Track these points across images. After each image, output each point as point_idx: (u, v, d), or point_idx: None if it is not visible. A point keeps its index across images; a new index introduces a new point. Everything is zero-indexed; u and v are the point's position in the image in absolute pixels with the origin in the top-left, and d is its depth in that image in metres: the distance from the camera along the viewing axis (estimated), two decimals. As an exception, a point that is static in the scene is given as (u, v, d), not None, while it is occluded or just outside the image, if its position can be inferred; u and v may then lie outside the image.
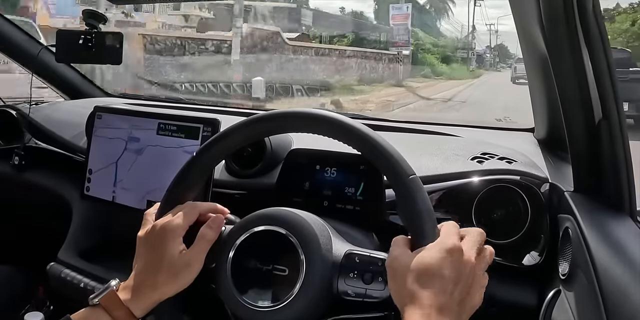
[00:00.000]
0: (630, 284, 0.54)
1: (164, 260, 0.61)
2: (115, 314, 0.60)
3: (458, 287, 0.51)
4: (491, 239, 0.80)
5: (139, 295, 0.61)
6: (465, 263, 0.52)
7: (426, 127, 1.25)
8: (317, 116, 0.64)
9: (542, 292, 0.75)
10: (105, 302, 0.60)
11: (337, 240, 0.63)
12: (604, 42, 0.65)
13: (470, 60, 30.77)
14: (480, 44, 39.18)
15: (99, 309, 0.60)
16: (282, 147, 1.00)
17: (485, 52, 38.06)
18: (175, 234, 0.62)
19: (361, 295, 0.58)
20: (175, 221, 0.62)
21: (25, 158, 1.33)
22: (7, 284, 1.31)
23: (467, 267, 0.52)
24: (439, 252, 0.52)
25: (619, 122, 0.67)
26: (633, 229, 0.66)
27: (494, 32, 40.84)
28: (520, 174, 0.84)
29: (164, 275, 0.60)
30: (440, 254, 0.52)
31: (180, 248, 0.61)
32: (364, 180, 0.85)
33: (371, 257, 0.60)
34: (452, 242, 0.53)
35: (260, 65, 11.06)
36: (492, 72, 34.59)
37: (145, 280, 0.61)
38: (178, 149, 0.96)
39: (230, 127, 0.67)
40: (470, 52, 30.58)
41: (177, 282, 0.61)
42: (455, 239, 0.53)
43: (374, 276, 0.58)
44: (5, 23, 1.50)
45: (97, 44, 1.08)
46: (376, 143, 0.60)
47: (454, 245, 0.52)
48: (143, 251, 0.63)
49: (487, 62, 38.14)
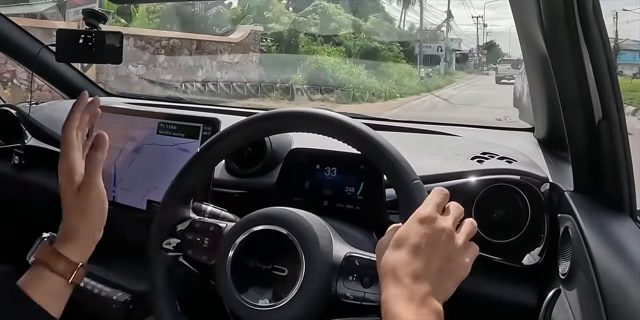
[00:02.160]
0: (630, 284, 0.54)
1: (68, 198, 0.61)
2: (55, 266, 0.58)
3: (434, 254, 0.51)
4: (491, 239, 0.80)
5: (71, 238, 0.60)
6: (439, 230, 0.52)
7: (426, 126, 1.25)
8: (317, 116, 0.64)
9: (542, 292, 0.75)
10: (40, 257, 0.59)
11: (338, 242, 0.63)
12: (604, 42, 0.65)
13: (429, 60, 21.08)
14: (468, 44, 33.63)
15: (39, 267, 0.59)
16: (282, 146, 1.00)
17: (472, 52, 32.53)
18: (64, 167, 0.63)
19: (359, 298, 0.58)
20: (64, 160, 0.63)
21: (26, 158, 1.32)
22: (7, 284, 1.31)
23: (442, 234, 0.52)
24: (411, 221, 0.52)
25: (619, 121, 0.67)
26: (633, 228, 0.66)
27: (481, 25, 33.45)
28: (520, 173, 0.84)
29: (75, 213, 0.61)
30: (412, 223, 0.52)
31: (75, 186, 0.62)
32: (364, 179, 0.85)
33: (371, 261, 0.59)
34: (425, 211, 0.53)
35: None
36: (476, 75, 27.79)
37: (69, 225, 0.61)
38: (173, 146, 0.96)
39: (231, 126, 0.67)
40: (439, 49, 21.82)
41: (90, 216, 0.62)
42: (430, 208, 0.53)
43: (372, 280, 0.58)
44: (6, 22, 1.50)
45: (97, 43, 1.08)
46: (377, 143, 0.60)
47: (426, 214, 0.52)
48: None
49: (472, 62, 32.03)
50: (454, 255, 0.52)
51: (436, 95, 14.82)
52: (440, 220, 0.53)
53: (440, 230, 0.52)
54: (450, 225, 0.53)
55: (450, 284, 0.52)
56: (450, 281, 0.52)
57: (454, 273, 0.52)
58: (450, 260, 0.52)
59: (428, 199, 0.55)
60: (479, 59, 33.94)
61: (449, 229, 0.53)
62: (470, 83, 21.28)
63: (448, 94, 15.45)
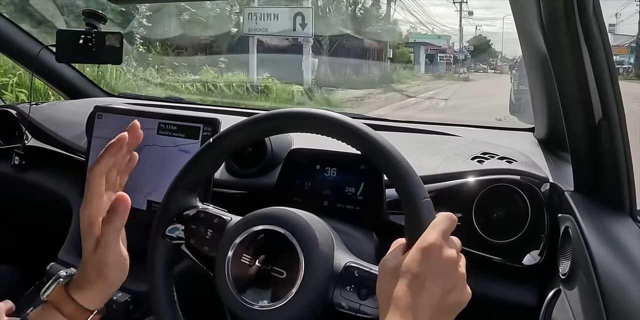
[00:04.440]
0: (630, 284, 0.54)
1: (86, 255, 0.58)
2: (64, 310, 0.56)
3: (437, 285, 0.50)
4: (491, 239, 0.80)
5: (85, 287, 0.57)
6: (444, 260, 0.50)
7: (426, 126, 1.25)
8: (318, 116, 0.64)
9: (542, 292, 0.75)
10: (53, 299, 0.57)
11: (340, 249, 0.63)
12: (604, 42, 0.65)
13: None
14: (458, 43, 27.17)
15: (48, 306, 0.57)
16: (282, 146, 1.00)
17: (450, 49, 25.49)
18: (85, 221, 0.57)
19: (354, 309, 0.58)
20: (86, 210, 0.58)
21: (26, 158, 1.33)
22: (7, 283, 1.32)
23: (446, 264, 0.50)
24: (415, 251, 0.51)
25: (619, 121, 0.67)
26: (633, 228, 0.66)
27: (466, 13, 26.42)
28: (520, 173, 0.84)
29: (91, 270, 0.57)
30: (415, 252, 0.51)
31: (94, 238, 0.57)
32: (364, 180, 0.85)
33: (370, 273, 0.59)
34: (430, 239, 0.51)
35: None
36: (451, 82, 19.52)
37: (81, 273, 0.58)
38: (174, 147, 0.96)
39: (231, 126, 0.67)
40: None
41: (104, 278, 0.58)
42: (435, 236, 0.52)
43: (369, 293, 0.57)
44: (6, 23, 1.50)
45: (97, 43, 1.08)
46: (378, 143, 0.60)
47: (431, 242, 0.51)
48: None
49: (444, 61, 24.85)
50: (457, 285, 0.51)
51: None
52: (445, 249, 0.51)
53: (445, 260, 0.50)
54: (454, 253, 0.52)
55: (451, 314, 0.51)
56: (450, 310, 0.51)
57: (454, 303, 0.51)
58: (452, 290, 0.51)
59: (434, 223, 0.53)
60: (453, 58, 25.49)
61: (453, 258, 0.51)
62: (402, 105, 11.38)
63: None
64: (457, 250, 0.53)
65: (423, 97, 13.35)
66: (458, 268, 0.52)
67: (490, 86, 16.28)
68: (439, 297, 0.50)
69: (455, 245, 0.53)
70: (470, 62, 29.63)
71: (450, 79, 21.76)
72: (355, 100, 11.22)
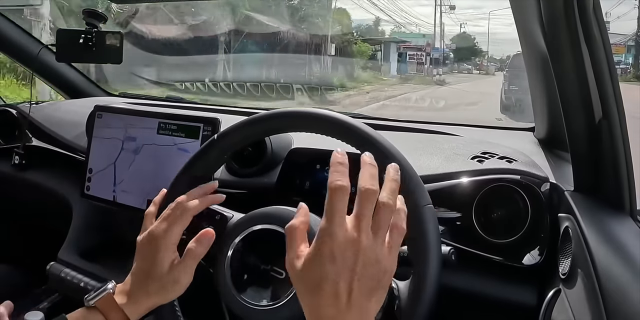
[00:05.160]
0: (630, 284, 0.54)
1: (155, 272, 0.61)
2: (111, 317, 0.60)
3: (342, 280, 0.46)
4: (491, 239, 0.80)
5: (133, 300, 0.61)
6: (359, 251, 0.47)
7: (426, 126, 1.25)
8: (319, 116, 0.64)
9: (542, 292, 0.75)
10: (101, 305, 0.61)
11: None
12: (604, 42, 0.65)
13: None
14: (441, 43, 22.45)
15: (95, 311, 0.61)
16: (282, 146, 1.00)
17: (425, 47, 20.98)
18: (168, 243, 0.62)
19: None
20: (168, 229, 0.62)
21: (26, 158, 1.33)
22: (7, 283, 1.32)
23: (347, 253, 0.47)
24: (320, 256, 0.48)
25: (620, 121, 0.67)
26: (633, 228, 0.66)
27: (447, 9, 22.24)
28: (520, 173, 0.84)
29: (155, 285, 0.61)
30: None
31: (171, 259, 0.62)
32: None
33: None
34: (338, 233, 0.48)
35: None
36: (414, 86, 15.70)
37: (139, 287, 0.62)
38: (173, 146, 0.97)
39: (231, 126, 0.67)
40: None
41: (166, 295, 0.62)
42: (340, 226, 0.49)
43: None
44: (6, 22, 1.50)
45: (97, 43, 1.08)
46: (378, 143, 0.60)
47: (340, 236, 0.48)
48: (139, 257, 0.63)
49: (416, 63, 20.32)
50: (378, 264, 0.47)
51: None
52: (363, 236, 0.48)
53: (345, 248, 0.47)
54: (354, 233, 0.48)
55: (371, 305, 0.47)
56: (366, 304, 0.47)
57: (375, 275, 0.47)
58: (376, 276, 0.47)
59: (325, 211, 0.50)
60: (426, 58, 20.77)
61: (361, 243, 0.47)
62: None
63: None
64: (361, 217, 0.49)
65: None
66: (375, 249, 0.48)
67: (471, 94, 13.31)
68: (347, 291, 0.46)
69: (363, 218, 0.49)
70: (453, 62, 26.14)
71: (420, 82, 17.45)
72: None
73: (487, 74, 25.87)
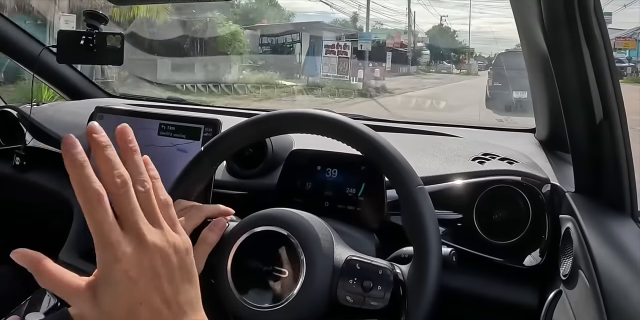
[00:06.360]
0: (631, 285, 0.54)
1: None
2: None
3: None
4: (492, 240, 0.80)
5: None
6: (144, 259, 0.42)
7: (427, 127, 1.25)
8: (319, 117, 0.64)
9: (543, 293, 0.75)
10: None
11: (340, 244, 0.63)
12: (605, 42, 0.65)
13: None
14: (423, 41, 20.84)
15: None
16: (283, 147, 1.00)
17: (397, 43, 17.45)
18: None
19: (360, 302, 0.58)
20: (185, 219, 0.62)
21: (26, 159, 1.33)
22: (7, 284, 1.31)
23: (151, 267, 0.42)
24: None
25: (620, 122, 0.67)
26: (634, 229, 0.66)
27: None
28: (521, 174, 0.84)
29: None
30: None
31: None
32: (365, 180, 0.85)
33: (372, 265, 0.59)
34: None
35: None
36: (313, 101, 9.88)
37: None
38: (173, 147, 0.96)
39: (231, 127, 0.67)
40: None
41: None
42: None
43: (373, 284, 0.58)
44: (7, 23, 1.50)
45: (98, 44, 1.08)
46: (379, 145, 0.60)
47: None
48: None
49: (338, 60, 12.88)
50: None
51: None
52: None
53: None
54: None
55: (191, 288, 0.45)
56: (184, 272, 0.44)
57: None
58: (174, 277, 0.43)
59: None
60: (355, 51, 14.10)
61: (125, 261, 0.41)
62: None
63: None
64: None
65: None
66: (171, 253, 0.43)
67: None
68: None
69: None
70: (429, 59, 22.10)
71: (326, 93, 10.93)
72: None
73: (468, 73, 22.06)
